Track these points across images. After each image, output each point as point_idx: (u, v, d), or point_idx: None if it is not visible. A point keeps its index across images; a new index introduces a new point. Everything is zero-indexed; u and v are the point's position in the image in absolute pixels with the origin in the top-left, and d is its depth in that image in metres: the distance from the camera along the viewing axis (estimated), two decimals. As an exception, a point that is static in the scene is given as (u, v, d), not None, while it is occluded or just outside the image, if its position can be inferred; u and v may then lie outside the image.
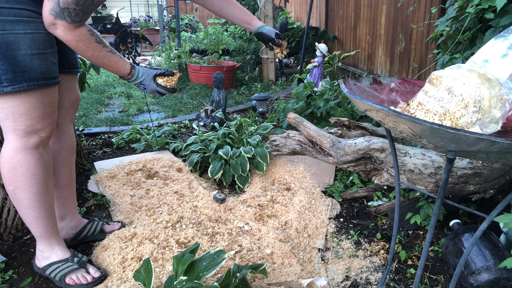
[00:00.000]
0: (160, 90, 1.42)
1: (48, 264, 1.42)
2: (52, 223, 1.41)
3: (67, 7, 1.13)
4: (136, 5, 9.92)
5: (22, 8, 1.16)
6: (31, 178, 1.31)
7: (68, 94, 1.51)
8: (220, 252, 1.23)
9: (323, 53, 4.01)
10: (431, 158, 1.61)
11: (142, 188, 2.11)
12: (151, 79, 1.39)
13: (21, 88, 1.20)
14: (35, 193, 1.33)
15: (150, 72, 1.39)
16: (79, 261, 1.42)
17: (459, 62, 1.81)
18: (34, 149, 1.30)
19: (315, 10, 6.63)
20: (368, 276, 1.52)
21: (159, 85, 1.41)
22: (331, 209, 1.98)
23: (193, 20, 8.51)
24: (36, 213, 1.35)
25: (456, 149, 0.80)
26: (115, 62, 1.31)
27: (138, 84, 1.40)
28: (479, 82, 0.89)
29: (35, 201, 1.34)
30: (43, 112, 1.28)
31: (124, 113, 3.83)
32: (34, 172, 1.31)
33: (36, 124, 1.27)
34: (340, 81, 1.25)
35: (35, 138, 1.29)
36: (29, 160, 1.30)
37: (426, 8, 3.39)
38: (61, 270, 1.40)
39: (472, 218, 1.80)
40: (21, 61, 1.18)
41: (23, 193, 1.32)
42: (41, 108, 1.27)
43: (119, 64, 1.32)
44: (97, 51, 1.25)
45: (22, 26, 1.16)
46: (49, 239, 1.41)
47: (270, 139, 2.24)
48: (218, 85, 3.30)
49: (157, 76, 1.40)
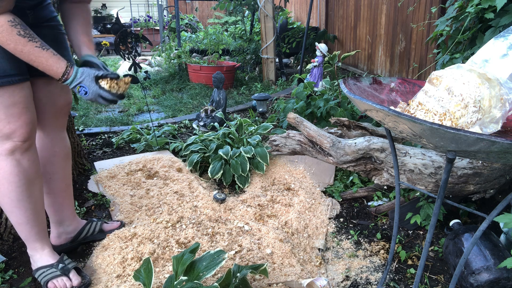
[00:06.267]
0: (103, 94, 1.24)
1: (36, 268, 1.41)
2: (37, 228, 1.36)
3: None
4: (136, 5, 9.91)
5: None
6: (8, 185, 1.24)
7: (52, 99, 1.40)
8: (220, 252, 1.23)
9: (323, 53, 4.01)
10: (431, 158, 1.61)
11: (142, 188, 2.11)
12: (92, 80, 1.22)
13: None
14: (14, 199, 1.27)
15: (91, 73, 1.23)
16: (63, 268, 1.39)
17: (459, 62, 1.81)
18: (8, 155, 1.22)
19: (315, 10, 6.64)
20: (368, 276, 1.52)
21: (102, 88, 1.24)
22: (331, 209, 1.98)
23: (193, 20, 8.51)
24: (17, 219, 1.31)
25: (456, 149, 0.80)
26: (45, 59, 1.15)
27: (78, 88, 1.22)
28: (479, 82, 0.89)
29: (15, 207, 1.28)
30: (6, 114, 1.18)
31: (124, 113, 3.83)
32: (10, 180, 1.24)
33: (3, 128, 1.18)
34: (340, 81, 1.25)
35: (8, 143, 1.21)
36: (3, 168, 1.22)
37: (426, 8, 3.39)
38: (45, 275, 1.38)
39: (472, 218, 1.80)
40: None
41: (2, 199, 1.26)
42: (3, 110, 1.17)
43: (50, 61, 1.15)
44: (20, 45, 1.10)
45: None
46: (33, 243, 1.39)
47: (270, 139, 2.24)
48: (218, 85, 3.30)
49: (100, 78, 1.24)
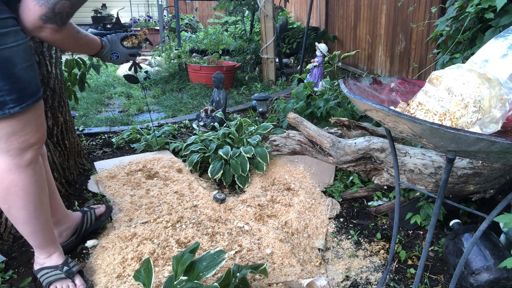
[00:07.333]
0: (131, 52, 1.45)
1: (40, 268, 1.40)
2: (50, 233, 1.37)
3: (61, 12, 1.06)
4: (136, 5, 9.91)
5: (7, 17, 1.04)
6: (26, 197, 1.23)
7: None
8: (220, 252, 1.23)
9: (323, 53, 4.01)
10: (431, 158, 1.61)
11: (142, 188, 2.11)
12: (118, 45, 1.42)
13: (28, 106, 1.12)
14: (31, 210, 1.26)
15: (115, 38, 1.42)
16: (67, 271, 1.39)
17: (459, 62, 1.81)
18: (27, 166, 1.22)
19: (315, 10, 6.63)
20: (368, 276, 1.51)
21: (126, 47, 1.45)
22: (331, 209, 1.98)
23: (193, 20, 8.51)
24: (33, 228, 1.30)
25: (456, 149, 0.80)
26: (91, 41, 1.32)
27: (111, 55, 1.41)
28: (479, 82, 0.89)
29: (31, 217, 1.28)
30: (36, 125, 1.20)
31: (124, 113, 3.83)
32: (28, 191, 1.23)
33: (30, 138, 1.19)
34: (340, 81, 1.25)
35: (29, 153, 1.21)
36: (23, 180, 1.22)
37: (426, 8, 3.39)
38: (48, 276, 1.38)
39: (472, 218, 1.80)
40: (20, 77, 1.09)
41: (18, 211, 1.25)
42: (34, 121, 1.19)
43: (95, 42, 1.33)
44: (79, 39, 1.24)
45: (13, 38, 1.05)
46: (46, 248, 1.38)
47: (270, 139, 2.24)
48: (218, 85, 3.30)
49: (123, 40, 1.44)
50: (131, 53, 1.47)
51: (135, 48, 1.48)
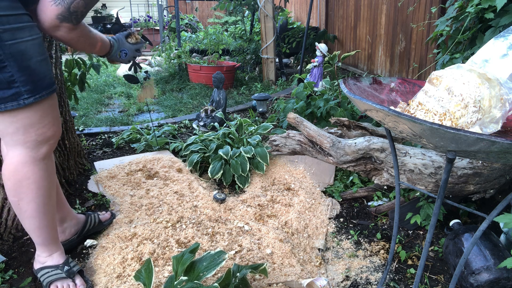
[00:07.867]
0: (136, 47, 1.52)
1: (40, 267, 1.41)
2: (54, 230, 1.39)
3: (76, 11, 1.12)
4: (136, 5, 9.91)
5: (23, 13, 1.11)
6: (37, 190, 1.27)
7: None
8: (220, 252, 1.23)
9: (323, 53, 4.01)
10: (431, 158, 1.61)
11: (142, 188, 2.11)
12: (125, 42, 1.49)
13: (42, 98, 1.16)
14: (40, 204, 1.29)
15: (121, 37, 1.48)
16: (68, 271, 1.39)
17: (459, 62, 1.81)
18: (42, 160, 1.25)
19: (315, 10, 6.64)
20: (368, 276, 1.52)
21: (131, 43, 1.51)
22: (331, 209, 1.98)
23: (193, 20, 8.52)
24: (39, 223, 1.32)
25: (456, 149, 0.80)
26: (101, 40, 1.37)
27: (120, 54, 1.46)
28: (479, 82, 0.89)
29: (40, 212, 1.30)
30: (53, 117, 1.24)
31: (124, 113, 3.83)
32: (40, 185, 1.26)
33: (47, 131, 1.23)
34: (340, 81, 1.25)
35: (45, 147, 1.25)
36: (36, 173, 1.25)
37: (426, 8, 3.39)
38: (49, 276, 1.38)
39: (472, 218, 1.80)
40: (35, 69, 1.14)
41: (27, 205, 1.28)
42: (51, 113, 1.23)
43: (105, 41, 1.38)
44: (92, 39, 1.29)
45: (28, 33, 1.11)
46: (49, 246, 1.39)
47: (270, 139, 2.24)
48: (218, 85, 3.30)
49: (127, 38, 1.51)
50: (137, 48, 1.53)
51: (138, 43, 1.54)
